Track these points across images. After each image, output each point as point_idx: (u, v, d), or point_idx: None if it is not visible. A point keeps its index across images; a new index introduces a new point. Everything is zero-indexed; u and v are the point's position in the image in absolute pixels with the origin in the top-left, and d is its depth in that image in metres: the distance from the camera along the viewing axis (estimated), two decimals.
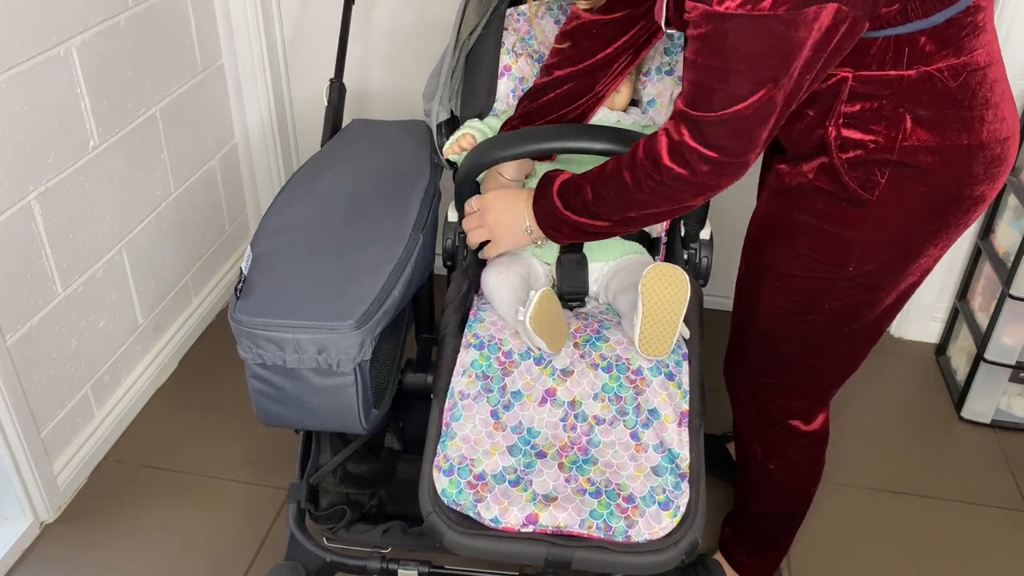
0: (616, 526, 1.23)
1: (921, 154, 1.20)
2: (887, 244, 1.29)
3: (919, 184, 1.22)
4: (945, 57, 1.15)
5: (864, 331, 1.42)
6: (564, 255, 1.57)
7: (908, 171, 1.21)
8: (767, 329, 1.47)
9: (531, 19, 1.71)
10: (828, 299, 1.36)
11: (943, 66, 1.16)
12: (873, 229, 1.27)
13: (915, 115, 1.17)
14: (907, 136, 1.18)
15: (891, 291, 1.36)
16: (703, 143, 1.14)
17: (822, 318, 1.39)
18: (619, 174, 1.26)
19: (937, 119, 1.18)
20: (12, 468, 1.85)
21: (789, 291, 1.40)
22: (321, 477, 1.61)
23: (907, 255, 1.31)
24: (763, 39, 1.04)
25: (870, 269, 1.32)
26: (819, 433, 1.59)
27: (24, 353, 1.85)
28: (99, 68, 1.96)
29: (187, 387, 2.36)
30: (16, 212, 1.77)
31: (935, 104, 1.17)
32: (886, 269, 1.32)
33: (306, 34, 2.51)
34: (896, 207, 1.25)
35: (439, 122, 1.67)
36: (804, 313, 1.40)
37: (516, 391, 1.37)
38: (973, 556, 1.96)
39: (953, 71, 1.16)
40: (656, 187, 1.21)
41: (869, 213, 1.26)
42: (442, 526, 1.25)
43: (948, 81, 1.16)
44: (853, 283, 1.34)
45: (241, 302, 1.36)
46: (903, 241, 1.29)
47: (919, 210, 1.25)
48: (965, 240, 2.40)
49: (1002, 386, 2.27)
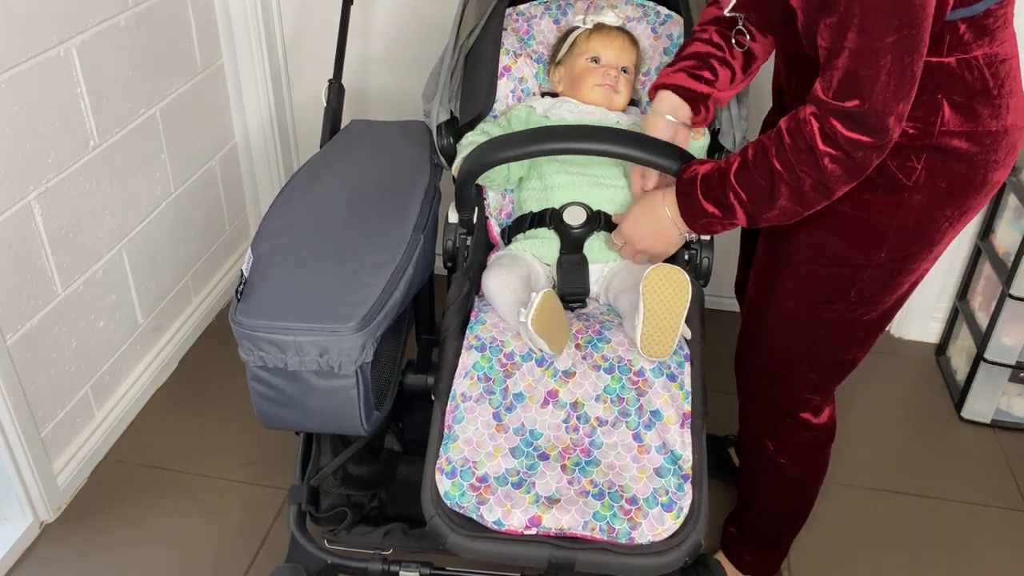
0: (619, 528, 1.23)
1: (956, 139, 1.24)
2: (918, 229, 1.32)
3: (951, 169, 1.26)
4: (981, 46, 1.20)
5: (878, 319, 1.44)
6: (565, 256, 1.57)
7: (943, 156, 1.25)
8: (787, 319, 1.47)
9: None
10: (855, 287, 1.38)
11: (979, 55, 1.20)
12: (907, 215, 1.30)
13: (952, 101, 1.21)
14: (944, 122, 1.22)
15: (912, 276, 1.39)
16: (858, 130, 1.15)
17: (846, 306, 1.40)
18: (768, 162, 1.25)
19: (972, 105, 1.22)
20: (12, 468, 1.85)
21: (815, 280, 1.40)
22: (322, 479, 1.61)
23: (932, 239, 1.34)
24: (902, 9, 1.07)
25: (902, 255, 1.34)
26: (827, 427, 1.60)
27: (24, 353, 1.84)
28: (99, 68, 1.95)
29: (187, 387, 2.36)
30: (16, 212, 1.77)
31: (970, 91, 1.21)
32: (914, 254, 1.35)
33: (306, 34, 2.51)
34: (930, 192, 1.28)
35: (439, 123, 1.67)
36: (828, 302, 1.41)
37: (518, 393, 1.37)
38: (973, 556, 1.96)
39: (988, 60, 1.21)
40: (809, 171, 1.21)
41: (905, 199, 1.28)
42: (445, 529, 1.25)
43: (983, 69, 1.21)
44: (881, 270, 1.36)
45: (242, 304, 1.36)
46: (931, 226, 1.32)
47: (950, 194, 1.29)
48: (965, 240, 2.41)
49: (1002, 386, 2.28)
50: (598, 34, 1.67)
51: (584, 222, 1.56)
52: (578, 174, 1.61)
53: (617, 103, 1.67)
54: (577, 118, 1.63)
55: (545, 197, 1.62)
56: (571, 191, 1.60)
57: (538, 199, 1.63)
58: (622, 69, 1.67)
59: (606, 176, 1.62)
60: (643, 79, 1.77)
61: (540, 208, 1.62)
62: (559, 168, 1.62)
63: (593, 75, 1.65)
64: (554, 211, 1.59)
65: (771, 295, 1.48)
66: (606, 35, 1.67)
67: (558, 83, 1.72)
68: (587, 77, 1.65)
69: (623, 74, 1.67)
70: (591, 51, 1.67)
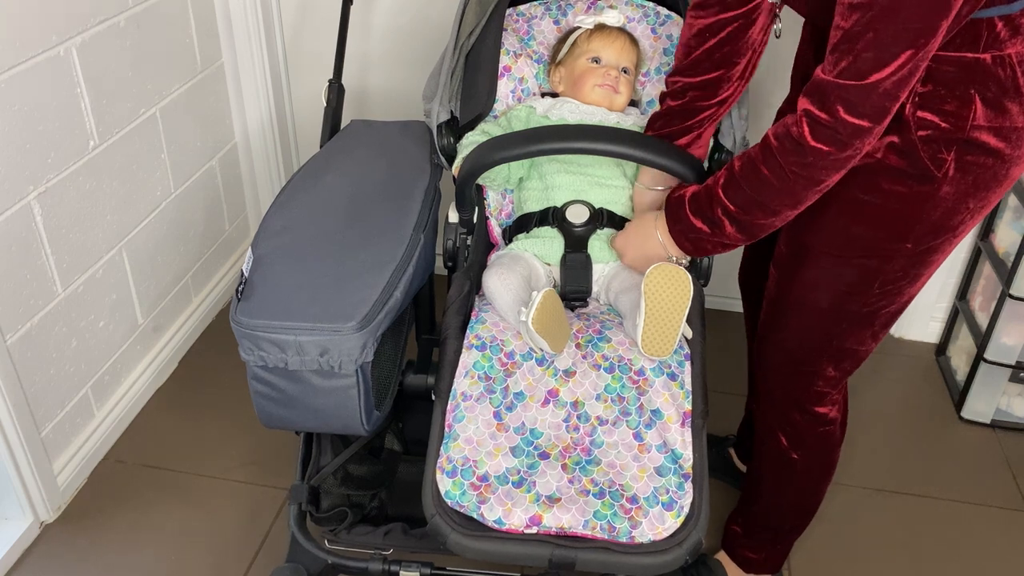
0: (620, 527, 1.23)
1: (986, 134, 1.24)
2: (943, 220, 1.32)
3: (979, 163, 1.27)
4: (1015, 44, 1.20)
5: (896, 310, 1.45)
6: (569, 255, 1.57)
7: (972, 150, 1.25)
8: (809, 311, 1.47)
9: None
10: (880, 278, 1.38)
11: (1012, 52, 1.20)
12: (936, 206, 1.30)
13: (984, 97, 1.21)
14: (976, 117, 1.23)
15: (931, 268, 1.40)
16: (857, 114, 1.15)
17: (869, 298, 1.41)
18: (756, 171, 1.26)
19: (1002, 102, 1.23)
20: (12, 468, 1.84)
21: (840, 272, 1.40)
22: (322, 479, 1.61)
23: (955, 231, 1.35)
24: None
25: (926, 247, 1.35)
26: (840, 421, 1.61)
27: (24, 353, 1.84)
28: (99, 68, 1.95)
29: (187, 387, 2.36)
30: (16, 212, 1.77)
31: (1002, 87, 1.22)
32: (938, 245, 1.36)
33: (306, 34, 2.51)
34: (958, 185, 1.28)
35: (439, 123, 1.67)
36: (852, 294, 1.41)
37: (519, 392, 1.37)
38: (973, 556, 1.97)
39: (1020, 57, 1.21)
40: (800, 172, 1.22)
41: (935, 190, 1.28)
42: (446, 528, 1.25)
43: (1016, 66, 1.21)
44: (905, 260, 1.36)
45: (243, 304, 1.36)
46: (955, 217, 1.32)
47: (974, 188, 1.29)
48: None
49: (1002, 386, 2.28)
50: (598, 34, 1.67)
51: (587, 220, 1.57)
52: (579, 174, 1.61)
53: (617, 103, 1.67)
54: (577, 118, 1.63)
55: (546, 197, 1.62)
56: (572, 191, 1.60)
57: (539, 199, 1.63)
58: (622, 69, 1.67)
59: (607, 176, 1.62)
60: (643, 79, 1.77)
61: (541, 207, 1.62)
62: (560, 168, 1.62)
63: (594, 75, 1.65)
64: (556, 209, 1.59)
65: (794, 287, 1.48)
66: (607, 35, 1.67)
67: (558, 83, 1.72)
68: (587, 77, 1.65)
69: (623, 74, 1.67)
70: (591, 51, 1.67)
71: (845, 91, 1.14)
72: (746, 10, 1.38)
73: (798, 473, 1.65)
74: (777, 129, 1.24)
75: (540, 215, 1.61)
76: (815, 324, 1.48)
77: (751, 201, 1.28)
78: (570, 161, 1.61)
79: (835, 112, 1.16)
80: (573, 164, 1.62)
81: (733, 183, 1.29)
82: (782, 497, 1.71)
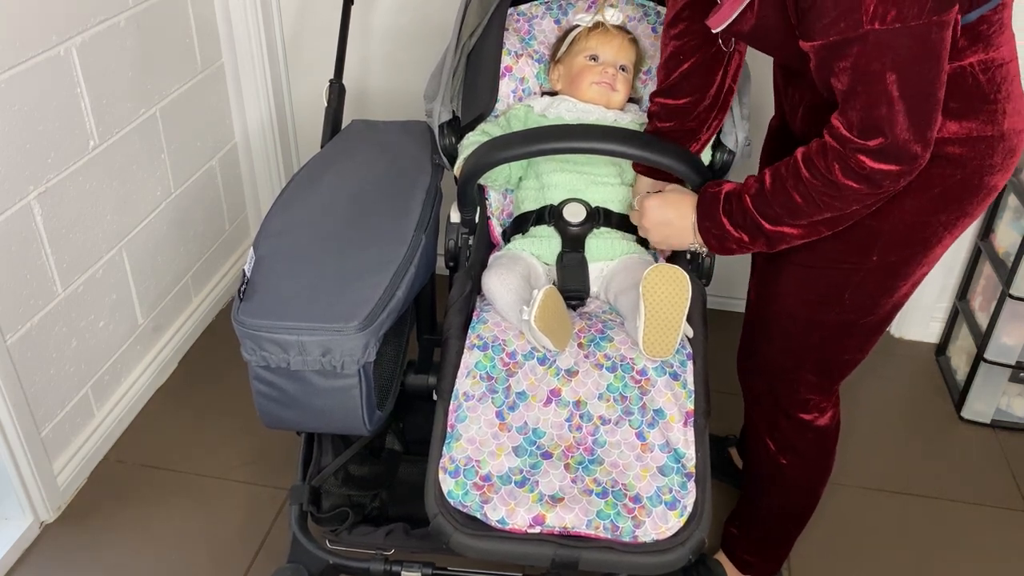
0: (623, 526, 1.23)
1: (949, 145, 1.24)
2: (910, 233, 1.32)
3: (946, 175, 1.26)
4: (975, 52, 1.20)
5: (877, 321, 1.45)
6: (566, 254, 1.57)
7: (936, 162, 1.24)
8: (786, 320, 1.48)
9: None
10: (848, 289, 1.39)
11: (974, 61, 1.20)
12: (900, 219, 1.30)
13: (947, 108, 1.20)
14: (940, 129, 1.21)
15: (908, 280, 1.39)
16: (886, 162, 1.16)
17: (842, 309, 1.41)
18: (787, 194, 1.26)
19: (966, 112, 1.23)
20: (12, 468, 1.84)
21: (811, 282, 1.41)
22: (323, 479, 1.61)
23: (927, 244, 1.34)
24: (920, 47, 1.08)
25: (893, 259, 1.35)
26: (830, 428, 1.61)
27: (24, 353, 1.84)
28: (99, 68, 1.95)
29: (187, 387, 2.36)
30: (16, 212, 1.77)
31: (965, 97, 1.22)
32: (907, 258, 1.36)
33: (306, 34, 2.50)
34: (922, 197, 1.28)
35: (441, 123, 1.67)
36: (824, 304, 1.42)
37: (521, 392, 1.37)
38: (973, 556, 1.97)
39: (983, 66, 1.21)
40: (832, 203, 1.23)
41: (897, 203, 1.28)
42: (449, 527, 1.25)
43: (978, 75, 1.21)
44: (875, 272, 1.36)
45: (244, 304, 1.35)
46: (926, 230, 1.32)
47: (943, 200, 1.29)
48: (965, 240, 2.41)
49: (1002, 386, 2.28)
50: (597, 32, 1.67)
51: (584, 219, 1.56)
52: (575, 172, 1.61)
53: (615, 101, 1.66)
54: (575, 116, 1.63)
55: (542, 196, 1.62)
56: (568, 189, 1.60)
57: (535, 198, 1.63)
58: (620, 67, 1.67)
59: (603, 174, 1.62)
60: (644, 78, 1.77)
61: (537, 207, 1.62)
62: (556, 167, 1.61)
63: (591, 73, 1.65)
64: (553, 208, 1.59)
65: (771, 297, 1.50)
66: (605, 33, 1.67)
67: (557, 81, 1.72)
68: (585, 75, 1.65)
69: (621, 72, 1.67)
70: (590, 49, 1.66)
71: (870, 149, 1.15)
72: (710, 38, 1.39)
73: (788, 478, 1.65)
74: (807, 155, 1.22)
75: (537, 214, 1.61)
76: (792, 333, 1.49)
77: (778, 217, 1.28)
78: (566, 159, 1.61)
79: (864, 163, 1.17)
80: (569, 162, 1.61)
81: (763, 198, 1.29)
82: (774, 501, 1.71)
